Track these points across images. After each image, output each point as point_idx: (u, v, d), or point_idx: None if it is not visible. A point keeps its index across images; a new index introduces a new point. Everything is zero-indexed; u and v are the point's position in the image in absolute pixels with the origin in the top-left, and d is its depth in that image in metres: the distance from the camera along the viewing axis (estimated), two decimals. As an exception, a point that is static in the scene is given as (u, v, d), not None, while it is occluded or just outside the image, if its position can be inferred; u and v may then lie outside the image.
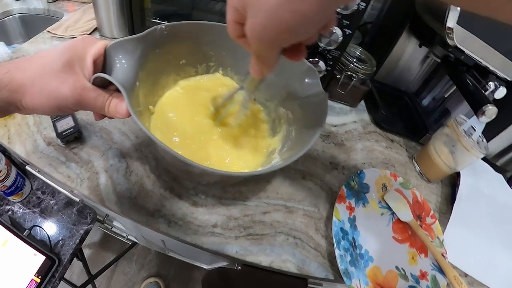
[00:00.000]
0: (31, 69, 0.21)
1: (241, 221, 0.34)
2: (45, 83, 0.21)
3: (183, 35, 0.34)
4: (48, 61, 0.22)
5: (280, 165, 0.27)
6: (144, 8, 0.48)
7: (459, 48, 0.40)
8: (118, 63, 0.27)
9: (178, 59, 0.36)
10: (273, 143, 0.37)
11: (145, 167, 0.37)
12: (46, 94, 0.21)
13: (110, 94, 0.25)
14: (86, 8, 0.64)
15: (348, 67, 0.49)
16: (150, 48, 0.31)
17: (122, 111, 0.24)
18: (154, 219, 0.33)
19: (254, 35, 0.16)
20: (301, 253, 0.34)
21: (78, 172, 0.36)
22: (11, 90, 0.20)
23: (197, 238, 0.32)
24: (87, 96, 0.23)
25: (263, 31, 0.15)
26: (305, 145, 0.28)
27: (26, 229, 0.51)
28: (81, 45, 0.24)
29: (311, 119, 0.32)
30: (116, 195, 0.34)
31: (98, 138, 0.39)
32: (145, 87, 0.32)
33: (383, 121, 0.52)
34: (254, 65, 0.21)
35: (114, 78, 0.24)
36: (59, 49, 0.23)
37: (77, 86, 0.22)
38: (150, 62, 0.31)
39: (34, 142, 0.38)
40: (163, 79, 0.37)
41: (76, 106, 0.23)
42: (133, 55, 0.28)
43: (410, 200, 0.42)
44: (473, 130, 0.42)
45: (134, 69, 0.28)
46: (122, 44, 0.27)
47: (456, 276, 0.35)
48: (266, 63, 0.20)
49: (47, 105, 0.22)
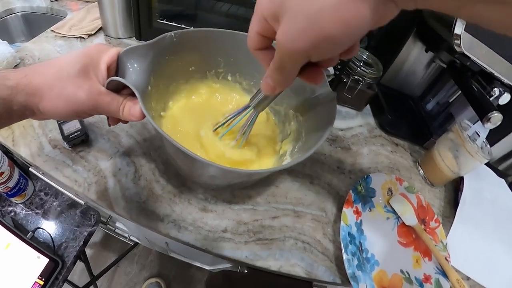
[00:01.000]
0: (48, 74, 0.22)
1: (250, 226, 0.35)
2: (62, 88, 0.22)
3: (192, 42, 0.34)
4: (64, 67, 0.23)
5: (294, 161, 0.27)
6: (151, 7, 0.48)
7: (465, 54, 0.40)
8: (131, 68, 0.27)
9: (188, 65, 0.37)
10: (283, 145, 0.38)
11: (154, 171, 0.37)
12: (64, 98, 0.22)
13: (124, 98, 0.25)
14: (90, 7, 0.63)
15: (355, 71, 0.49)
16: (161, 55, 0.31)
17: (136, 114, 0.25)
18: (163, 224, 0.33)
19: (288, 42, 0.15)
20: (309, 257, 0.34)
21: (86, 176, 0.35)
22: (29, 94, 0.21)
23: (208, 244, 0.32)
24: (102, 101, 0.24)
25: (300, 36, 0.14)
26: (316, 143, 0.28)
27: (29, 232, 0.51)
28: (95, 52, 0.25)
29: (321, 119, 0.32)
30: (125, 200, 0.34)
31: (105, 141, 0.39)
32: (156, 92, 0.32)
33: (388, 125, 0.52)
34: (269, 79, 0.19)
35: (128, 81, 0.25)
36: (74, 55, 0.24)
37: (92, 91, 0.23)
38: (161, 69, 0.32)
39: (39, 144, 0.38)
40: (173, 86, 0.37)
41: (92, 110, 0.23)
42: (145, 61, 0.29)
43: (415, 204, 0.43)
44: (477, 136, 0.43)
45: (146, 74, 0.29)
46: (134, 51, 0.28)
47: (459, 279, 0.35)
48: (285, 77, 0.19)
49: (64, 109, 0.22)
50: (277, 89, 0.20)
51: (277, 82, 0.19)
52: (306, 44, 0.15)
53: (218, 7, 0.52)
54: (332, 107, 0.31)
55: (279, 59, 0.17)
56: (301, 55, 0.16)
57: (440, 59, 0.49)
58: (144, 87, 0.29)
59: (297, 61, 0.17)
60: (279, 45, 0.16)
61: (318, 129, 0.32)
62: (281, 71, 0.18)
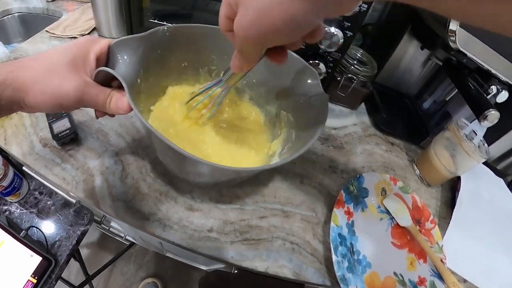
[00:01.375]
0: (35, 68, 0.22)
1: (237, 225, 0.34)
2: (47, 81, 0.22)
3: (185, 38, 0.34)
4: (52, 59, 0.22)
5: (283, 160, 0.26)
6: (142, 8, 0.48)
7: (461, 51, 0.39)
8: (121, 59, 0.27)
9: (180, 61, 0.36)
10: (273, 146, 0.37)
11: (141, 170, 0.37)
12: (49, 92, 0.22)
13: (111, 90, 0.25)
14: (85, 8, 0.64)
15: (348, 69, 0.48)
16: (152, 49, 0.31)
17: (123, 106, 0.25)
18: (149, 223, 0.32)
19: (241, 30, 0.17)
20: (298, 258, 0.33)
21: (74, 174, 0.35)
22: (15, 89, 0.21)
23: (193, 243, 0.32)
24: (88, 93, 0.23)
25: (250, 27, 0.16)
26: (306, 143, 0.28)
27: (23, 230, 0.51)
28: (84, 42, 0.24)
29: (312, 121, 0.32)
30: (112, 198, 0.34)
31: (94, 140, 0.39)
32: (146, 86, 0.32)
33: (384, 124, 0.52)
34: (235, 59, 0.21)
35: (116, 72, 0.24)
36: (63, 47, 0.23)
37: (79, 83, 0.23)
38: (152, 63, 0.31)
39: (30, 143, 0.38)
40: (164, 81, 0.36)
41: (78, 103, 0.23)
42: (136, 54, 0.28)
43: (410, 205, 0.42)
44: (474, 134, 0.42)
45: (136, 67, 0.28)
46: (125, 42, 0.27)
47: (455, 282, 0.34)
48: (247, 59, 0.21)
49: (50, 102, 0.22)
50: (243, 68, 0.22)
51: (241, 62, 0.21)
52: (256, 34, 0.16)
53: (211, 7, 0.52)
54: (323, 109, 0.31)
55: (238, 43, 0.19)
56: (254, 42, 0.17)
57: (436, 56, 0.48)
58: (133, 80, 0.28)
59: (253, 47, 0.18)
60: (235, 32, 0.17)
61: (308, 130, 0.31)
62: (242, 53, 0.20)
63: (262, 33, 0.16)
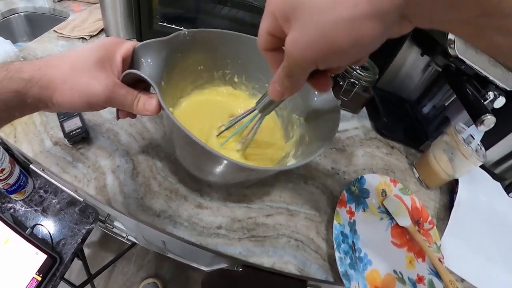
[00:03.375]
0: (62, 66, 0.22)
1: (244, 223, 0.35)
2: (76, 80, 0.22)
3: (204, 42, 0.35)
4: (79, 59, 0.22)
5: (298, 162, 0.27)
6: (152, 10, 0.49)
7: (460, 58, 0.41)
8: (145, 62, 0.27)
9: (197, 64, 0.37)
10: (286, 148, 0.38)
11: (151, 168, 0.38)
12: (77, 90, 0.22)
13: (138, 92, 0.25)
14: (92, 9, 0.65)
15: (351, 74, 0.50)
16: (173, 52, 0.31)
17: (151, 108, 0.25)
18: (160, 220, 0.33)
19: (296, 50, 0.15)
20: (302, 255, 0.35)
21: (85, 172, 0.36)
22: (42, 87, 0.21)
23: (202, 239, 0.33)
24: (117, 93, 0.23)
25: (309, 46, 0.14)
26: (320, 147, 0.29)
27: (28, 228, 0.51)
28: (111, 44, 0.24)
29: (324, 125, 0.33)
30: (123, 195, 0.35)
31: (105, 139, 0.40)
32: (168, 88, 0.33)
33: (384, 128, 0.53)
34: (277, 84, 0.19)
35: (144, 74, 0.25)
36: (89, 48, 0.23)
37: (108, 83, 0.23)
38: (173, 66, 0.32)
39: (41, 141, 0.39)
40: (182, 83, 0.37)
41: (106, 102, 0.23)
42: (159, 57, 0.29)
43: (409, 206, 0.43)
44: (472, 139, 0.43)
45: (160, 69, 0.29)
46: (150, 45, 0.28)
47: (452, 280, 0.36)
48: (293, 84, 0.18)
49: (78, 101, 0.22)
50: (284, 95, 0.20)
51: (284, 88, 0.19)
52: (315, 55, 0.14)
53: (218, 10, 0.53)
54: (335, 114, 0.32)
55: (287, 66, 0.17)
56: (309, 64, 0.15)
57: (436, 63, 0.50)
58: (158, 82, 0.28)
59: (306, 69, 0.17)
60: (288, 53, 0.15)
61: (321, 134, 0.32)
62: (289, 77, 0.18)
63: (323, 53, 0.14)
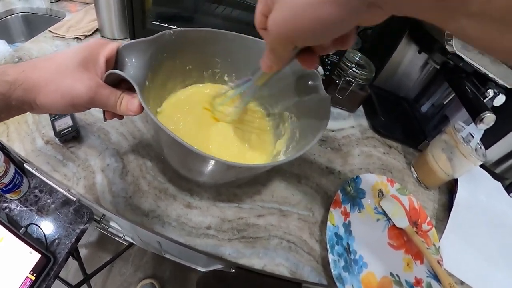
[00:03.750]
0: (46, 68, 0.22)
1: (235, 223, 0.34)
2: (59, 81, 0.22)
3: (191, 41, 0.34)
4: (63, 60, 0.23)
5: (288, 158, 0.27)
6: (145, 10, 0.48)
7: (458, 55, 0.40)
8: (129, 63, 0.27)
9: (185, 64, 0.37)
10: (277, 146, 0.38)
11: (141, 167, 0.37)
12: (61, 92, 0.22)
13: (121, 92, 0.25)
14: (88, 9, 0.65)
15: (347, 72, 0.49)
16: (159, 52, 0.31)
17: (134, 108, 0.25)
18: (148, 219, 0.33)
19: (274, 27, 0.17)
20: (295, 257, 0.34)
21: (75, 171, 0.36)
22: (26, 89, 0.21)
23: (191, 240, 0.32)
24: (100, 94, 0.24)
25: (283, 25, 0.16)
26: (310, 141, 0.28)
27: (22, 227, 0.51)
28: (95, 45, 0.25)
29: (315, 120, 0.33)
30: (112, 194, 0.34)
31: (95, 138, 0.40)
32: (153, 89, 0.32)
33: (382, 127, 0.52)
34: (266, 58, 0.21)
35: (127, 75, 0.25)
36: (73, 49, 0.24)
37: (91, 84, 0.23)
38: (159, 66, 0.32)
39: (32, 140, 0.39)
40: (170, 83, 0.37)
41: (89, 103, 0.23)
42: (143, 57, 0.29)
43: (407, 207, 0.42)
44: (472, 137, 0.42)
45: (144, 69, 0.29)
46: (134, 46, 0.28)
47: (451, 283, 0.35)
48: (278, 58, 0.21)
49: (61, 103, 0.22)
50: (273, 68, 0.22)
51: (272, 62, 0.21)
52: (287, 32, 0.16)
53: (212, 9, 0.52)
54: (326, 109, 0.31)
55: (270, 42, 0.19)
56: (285, 40, 0.17)
57: (434, 60, 0.49)
58: (142, 82, 0.28)
59: (285, 45, 0.18)
60: (268, 30, 0.18)
61: (312, 130, 0.32)
62: (273, 52, 0.20)
63: (293, 32, 0.16)
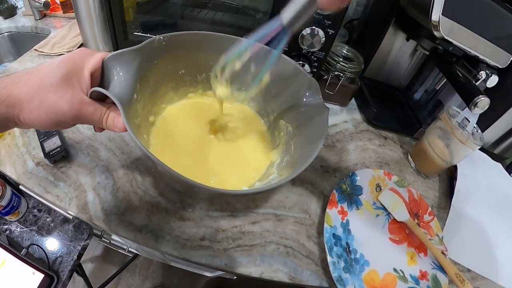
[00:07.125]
0: (29, 84, 0.21)
1: (229, 232, 0.34)
2: (43, 98, 0.21)
3: (182, 46, 0.33)
4: (46, 75, 0.22)
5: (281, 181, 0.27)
6: (125, 21, 0.48)
7: (446, 40, 0.39)
8: (116, 75, 0.26)
9: (177, 69, 0.36)
10: (271, 156, 0.37)
11: (131, 183, 0.37)
12: (45, 109, 0.21)
13: (107, 107, 0.24)
14: (72, 24, 0.65)
15: (335, 67, 0.48)
16: (148, 59, 0.30)
17: (120, 126, 0.24)
18: (141, 234, 0.32)
19: None
20: (293, 261, 0.33)
21: (67, 191, 0.36)
22: (9, 106, 0.20)
23: (185, 252, 0.32)
24: (85, 111, 0.23)
25: None
26: (304, 161, 0.27)
27: (23, 248, 0.51)
28: (79, 57, 0.24)
29: (311, 134, 0.32)
30: (104, 212, 0.34)
31: (85, 156, 0.39)
32: (143, 98, 0.31)
33: (375, 119, 0.51)
34: None
35: (111, 92, 0.24)
36: (57, 62, 0.23)
37: (74, 101, 0.22)
38: (149, 73, 0.31)
39: (23, 163, 0.38)
40: (162, 90, 0.36)
41: (74, 120, 0.23)
42: (131, 67, 0.27)
43: (406, 199, 0.41)
44: (467, 122, 0.41)
45: (132, 81, 0.28)
46: (120, 56, 0.26)
47: (457, 273, 0.34)
48: None
49: (46, 120, 0.21)
50: None
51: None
52: None
53: (195, 14, 0.52)
54: (323, 122, 0.30)
55: None
56: None
57: (422, 46, 0.48)
58: (130, 95, 0.27)
59: None
60: None
61: (307, 145, 0.31)
62: None
63: None
